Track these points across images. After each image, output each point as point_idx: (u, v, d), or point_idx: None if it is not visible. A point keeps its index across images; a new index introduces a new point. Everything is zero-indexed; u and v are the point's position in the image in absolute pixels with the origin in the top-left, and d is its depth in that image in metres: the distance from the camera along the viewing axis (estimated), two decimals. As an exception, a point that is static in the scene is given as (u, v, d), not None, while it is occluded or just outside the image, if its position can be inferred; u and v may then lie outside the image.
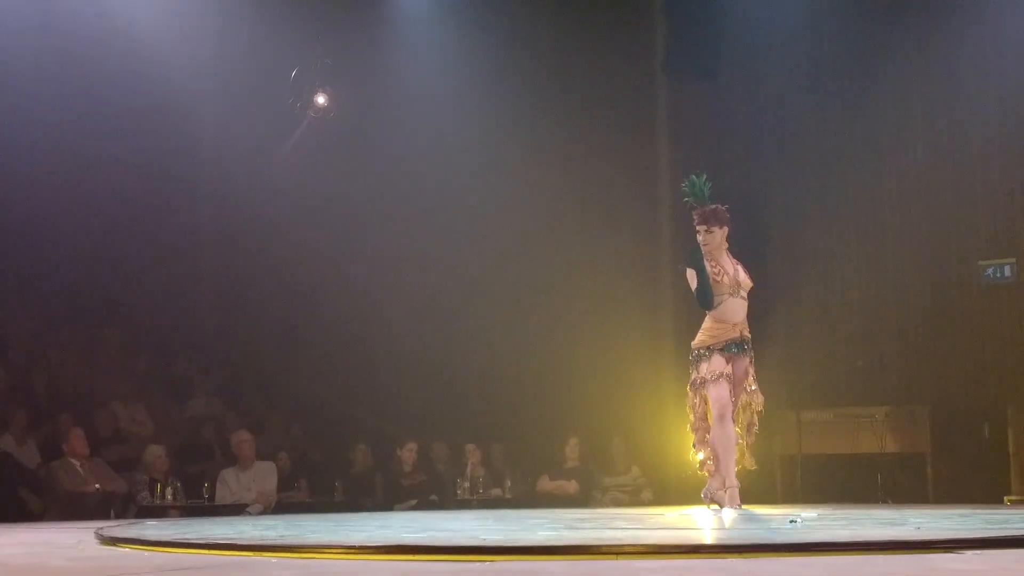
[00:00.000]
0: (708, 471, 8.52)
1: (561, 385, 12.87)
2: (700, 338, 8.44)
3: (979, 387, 11.67)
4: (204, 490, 11.07)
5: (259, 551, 4.87)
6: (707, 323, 8.44)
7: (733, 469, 8.33)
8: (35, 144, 12.35)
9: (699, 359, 8.39)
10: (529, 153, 13.19)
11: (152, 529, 6.38)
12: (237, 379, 13.83)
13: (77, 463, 10.65)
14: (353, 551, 4.73)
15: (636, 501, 11.80)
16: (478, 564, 4.28)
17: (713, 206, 8.50)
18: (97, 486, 10.57)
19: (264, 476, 11.41)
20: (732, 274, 8.47)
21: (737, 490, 8.27)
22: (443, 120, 13.15)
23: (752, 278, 8.65)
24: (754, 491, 11.38)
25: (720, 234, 8.52)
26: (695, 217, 8.50)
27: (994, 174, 11.87)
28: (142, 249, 13.82)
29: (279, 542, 5.11)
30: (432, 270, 13.81)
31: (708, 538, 5.21)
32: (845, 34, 12.66)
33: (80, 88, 12.42)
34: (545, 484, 12.19)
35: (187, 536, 5.57)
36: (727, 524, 6.80)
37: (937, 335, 11.96)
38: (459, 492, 11.86)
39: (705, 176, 8.54)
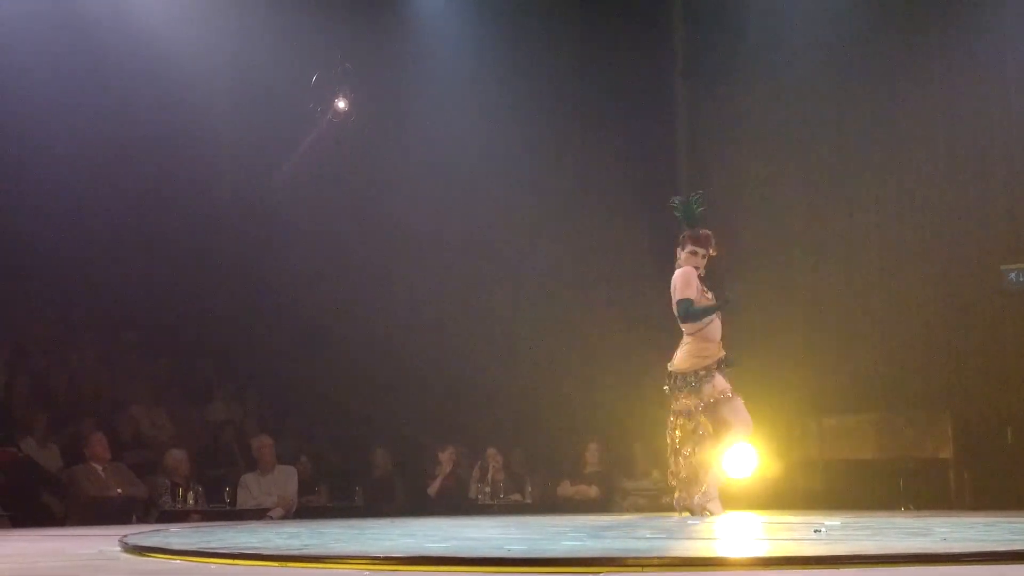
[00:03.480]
0: (683, 483, 8.71)
1: (582, 390, 12.86)
2: (692, 361, 8.57)
3: (1002, 392, 11.59)
4: (225, 494, 11.11)
5: (284, 561, 4.87)
6: (694, 346, 8.59)
7: None
8: (56, 147, 12.37)
9: (700, 381, 8.40)
10: (550, 157, 13.19)
11: (176, 537, 6.38)
12: (258, 383, 13.85)
13: (99, 467, 10.70)
14: (378, 562, 4.72)
15: (656, 506, 11.76)
16: (504, 577, 4.28)
17: (706, 231, 8.67)
18: (119, 490, 10.61)
19: (285, 481, 11.44)
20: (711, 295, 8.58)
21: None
22: (463, 123, 13.14)
23: (772, 283, 8.77)
24: (775, 497, 11.44)
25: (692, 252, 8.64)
26: (696, 239, 8.62)
27: (1016, 178, 11.81)
28: (162, 252, 13.84)
29: (304, 552, 5.11)
30: (454, 274, 13.80)
31: (735, 551, 5.19)
32: (865, 37, 12.60)
33: (99, 91, 12.45)
34: (566, 489, 12.19)
35: (212, 545, 5.57)
36: (752, 534, 6.77)
37: (959, 340, 11.89)
38: (479, 497, 11.86)
39: (699, 197, 8.69)
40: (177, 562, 5.17)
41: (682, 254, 8.74)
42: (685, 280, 8.53)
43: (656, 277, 13.19)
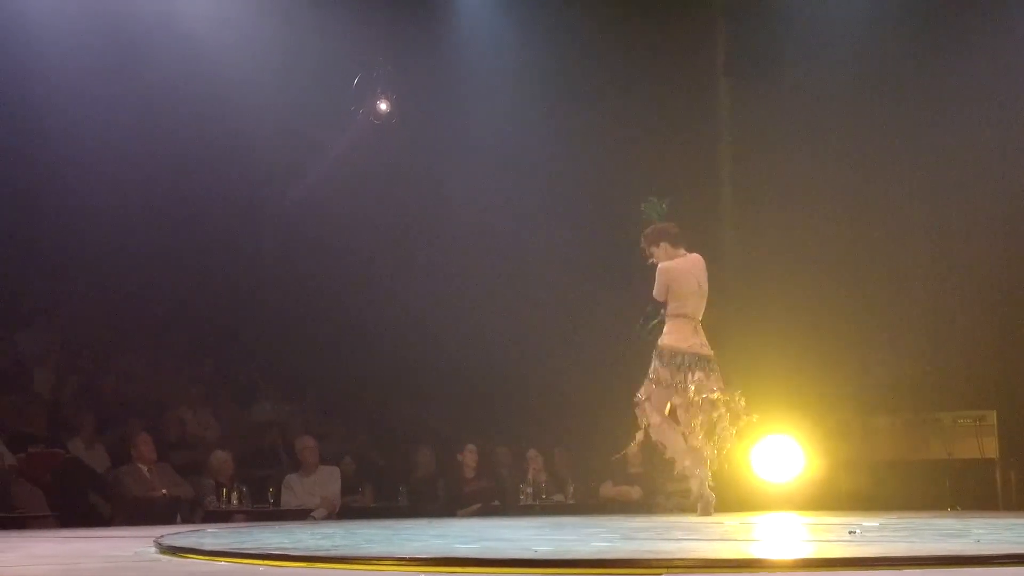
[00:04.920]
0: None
1: (625, 389, 12.80)
2: (684, 341, 8.63)
3: (1050, 391, 11.47)
4: (269, 495, 11.19)
5: (311, 562, 4.89)
6: (683, 325, 8.77)
7: None
8: (104, 150, 12.52)
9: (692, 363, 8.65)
10: (590, 156, 13.16)
11: (210, 537, 6.43)
12: (302, 384, 13.94)
13: (145, 468, 10.81)
14: (404, 563, 4.73)
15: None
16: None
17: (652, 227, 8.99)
18: (164, 491, 10.71)
19: (328, 481, 11.50)
20: None
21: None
22: (503, 123, 13.15)
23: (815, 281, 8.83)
24: (819, 499, 11.37)
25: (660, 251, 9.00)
26: (667, 235, 8.97)
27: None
28: (207, 254, 13.97)
29: (332, 553, 5.14)
30: (497, 275, 13.82)
31: (760, 552, 5.16)
32: (909, 32, 12.45)
33: (142, 92, 12.57)
34: (608, 489, 12.16)
35: (243, 546, 5.62)
36: (785, 536, 6.74)
37: (1006, 339, 11.75)
38: (522, 498, 11.86)
39: (665, 202, 9.07)
40: (203, 562, 5.21)
41: (658, 250, 8.92)
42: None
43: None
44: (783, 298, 12.44)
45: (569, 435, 12.96)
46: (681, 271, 8.90)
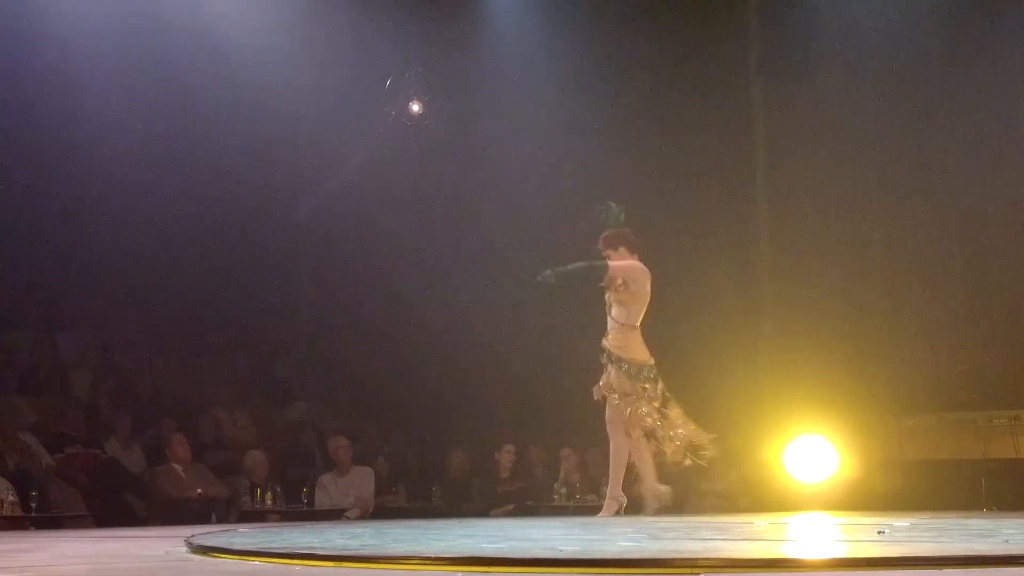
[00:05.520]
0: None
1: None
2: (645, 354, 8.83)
3: (1088, 390, 11.38)
4: (303, 495, 11.24)
5: (338, 561, 4.93)
6: (639, 337, 8.91)
7: None
8: (138, 154, 12.63)
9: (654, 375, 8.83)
10: (625, 158, 13.14)
11: (240, 537, 6.48)
12: (336, 385, 14.00)
13: (180, 468, 10.90)
14: (430, 562, 4.76)
15: (733, 508, 11.69)
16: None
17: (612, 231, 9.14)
18: (199, 491, 10.80)
19: (362, 481, 11.56)
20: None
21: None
22: (537, 124, 13.17)
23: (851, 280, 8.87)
24: (853, 499, 11.31)
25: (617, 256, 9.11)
26: (627, 241, 9.15)
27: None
28: (242, 255, 14.07)
29: (358, 552, 5.17)
30: (528, 273, 13.80)
31: (785, 551, 5.16)
32: (945, 32, 12.38)
33: (177, 97, 12.67)
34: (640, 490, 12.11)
35: (272, 545, 5.66)
36: (813, 535, 6.72)
37: (1043, 337, 11.68)
38: (555, 498, 11.86)
39: (615, 205, 9.26)
40: (234, 562, 5.26)
41: (615, 254, 9.10)
42: None
43: (736, 278, 13.17)
44: (816, 297, 12.41)
45: (602, 435, 12.92)
46: (643, 278, 9.06)
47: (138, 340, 13.50)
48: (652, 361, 8.98)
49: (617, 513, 8.96)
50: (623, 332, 8.94)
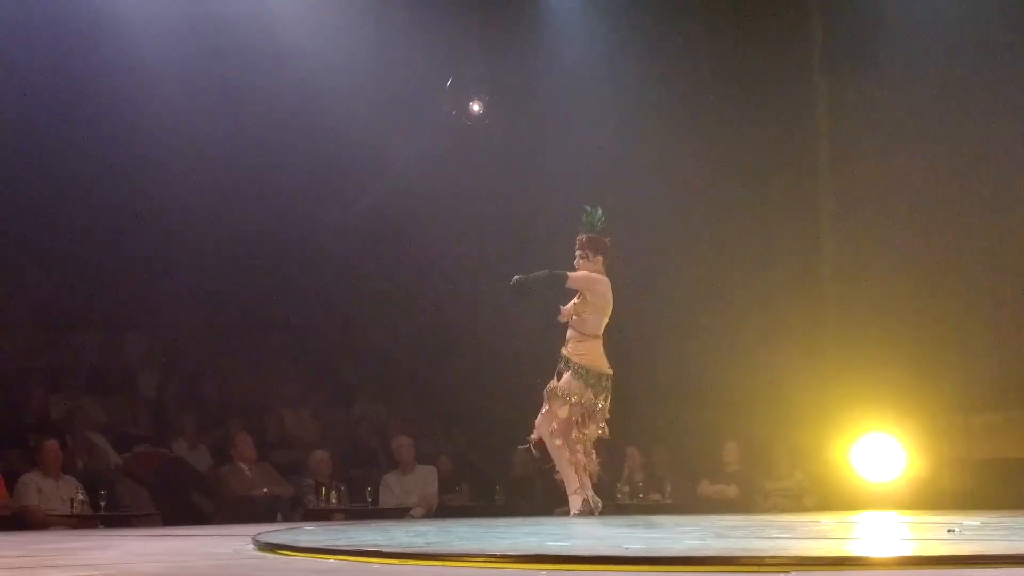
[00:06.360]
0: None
1: (722, 387, 12.73)
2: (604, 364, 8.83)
3: None
4: (367, 494, 11.31)
5: (403, 559, 4.94)
6: (599, 347, 8.85)
7: None
8: (200, 155, 12.74)
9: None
10: (687, 156, 13.08)
11: (306, 535, 6.52)
12: (399, 384, 14.05)
13: (246, 467, 11.01)
14: (495, 559, 4.76)
15: (798, 507, 11.61)
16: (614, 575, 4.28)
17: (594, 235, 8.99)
18: (265, 490, 10.89)
19: (425, 480, 11.61)
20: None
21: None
22: (596, 122, 13.13)
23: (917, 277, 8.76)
24: (921, 498, 11.19)
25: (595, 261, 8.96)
26: (606, 252, 9.02)
27: None
28: (308, 256, 14.15)
29: (423, 550, 5.18)
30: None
31: (853, 550, 5.11)
32: (1012, 25, 12.20)
33: (245, 95, 12.77)
34: (705, 488, 12.09)
35: (338, 543, 5.69)
36: (881, 534, 6.66)
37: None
38: (619, 496, 11.83)
39: (600, 210, 9.06)
40: (308, 560, 5.28)
41: (592, 260, 9.01)
42: None
43: (800, 276, 13.07)
44: (884, 295, 12.29)
45: (666, 432, 12.89)
46: (607, 291, 8.95)
47: (204, 341, 13.63)
48: (611, 372, 8.90)
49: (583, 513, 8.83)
50: (583, 341, 8.86)
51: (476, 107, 12.61)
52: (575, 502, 8.88)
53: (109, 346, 13.15)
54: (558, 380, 8.92)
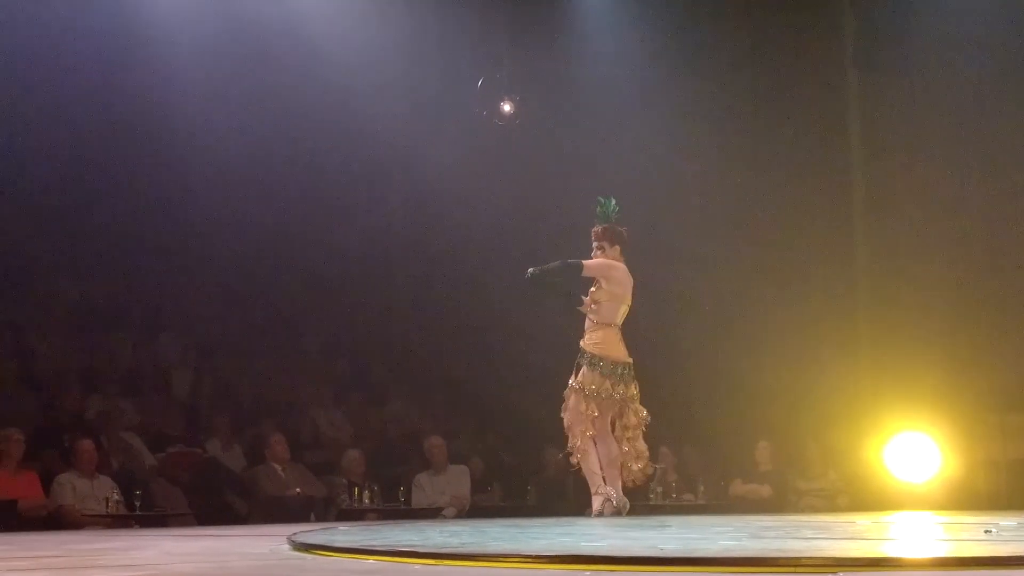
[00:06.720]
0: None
1: (755, 386, 12.69)
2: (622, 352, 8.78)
3: None
4: (400, 494, 11.33)
5: (439, 559, 4.95)
6: (616, 335, 8.87)
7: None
8: (237, 157, 12.81)
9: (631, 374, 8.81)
10: (719, 152, 13.05)
11: (341, 535, 6.55)
12: (431, 384, 14.07)
13: (279, 467, 11.05)
14: (530, 560, 4.77)
15: (832, 507, 11.56)
16: (651, 576, 4.28)
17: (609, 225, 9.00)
18: (298, 490, 10.93)
19: (458, 480, 11.62)
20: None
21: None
22: (628, 120, 13.12)
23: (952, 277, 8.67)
24: (957, 498, 11.13)
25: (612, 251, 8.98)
26: (623, 241, 9.03)
27: None
28: (340, 256, 14.20)
29: (459, 550, 5.19)
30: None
31: (890, 551, 5.09)
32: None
33: (274, 96, 12.84)
34: (738, 488, 12.06)
35: (373, 543, 5.71)
36: (918, 535, 6.62)
37: None
38: (651, 497, 11.81)
39: (615, 201, 9.06)
40: (345, 560, 5.30)
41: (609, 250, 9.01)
42: None
43: (834, 274, 13.02)
44: (917, 293, 12.22)
45: (699, 432, 12.86)
46: (625, 278, 8.94)
47: (237, 342, 13.70)
48: (630, 360, 8.88)
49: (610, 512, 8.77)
50: (599, 329, 8.83)
51: (507, 107, 12.59)
52: (597, 502, 8.83)
53: (143, 347, 13.23)
54: (576, 375, 8.83)
